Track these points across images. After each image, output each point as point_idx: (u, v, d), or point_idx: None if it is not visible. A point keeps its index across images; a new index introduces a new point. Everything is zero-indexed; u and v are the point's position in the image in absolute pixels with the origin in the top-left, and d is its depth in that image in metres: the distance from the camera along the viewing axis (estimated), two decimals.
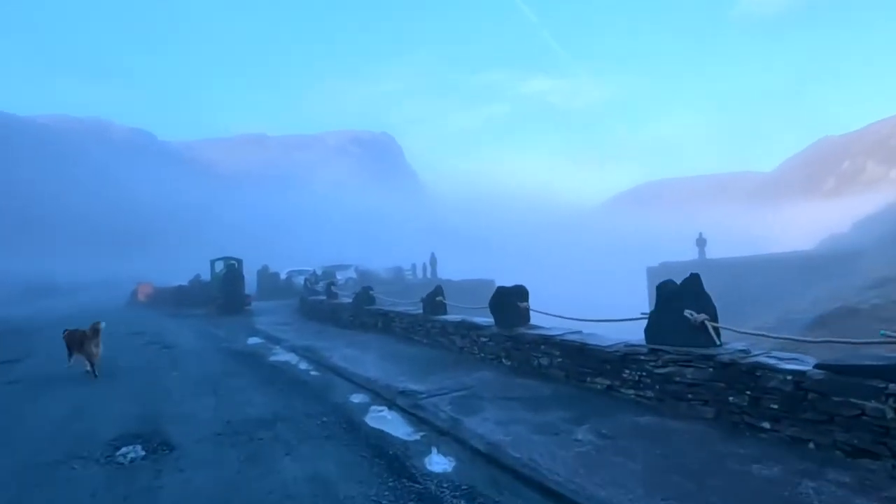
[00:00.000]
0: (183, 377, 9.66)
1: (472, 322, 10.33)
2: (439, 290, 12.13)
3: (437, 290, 12.13)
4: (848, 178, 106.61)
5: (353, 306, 15.01)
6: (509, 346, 9.18)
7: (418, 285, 37.45)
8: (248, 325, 17.31)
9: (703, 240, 39.72)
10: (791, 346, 12.69)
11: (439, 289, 12.16)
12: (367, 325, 14.38)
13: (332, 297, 16.79)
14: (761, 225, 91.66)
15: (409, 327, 12.75)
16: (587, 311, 29.71)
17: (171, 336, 15.30)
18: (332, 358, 11.07)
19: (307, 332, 14.83)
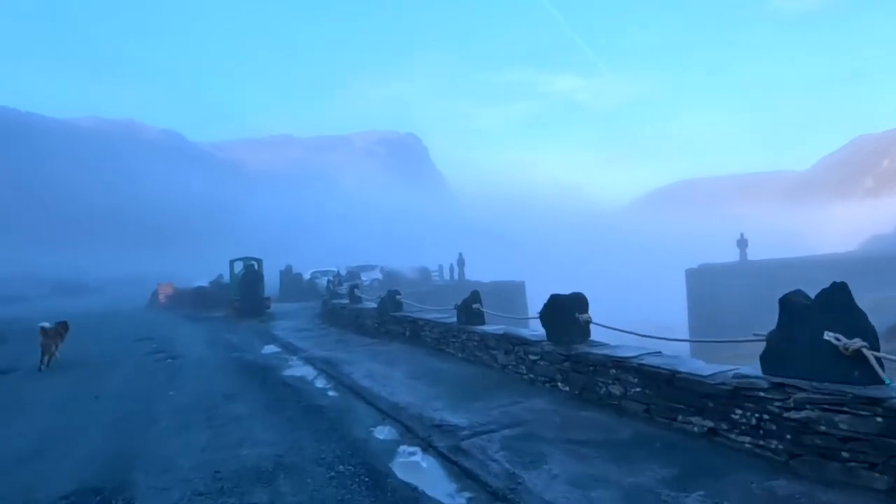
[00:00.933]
0: (177, 400, 8.12)
1: (519, 335, 8.60)
2: (476, 297, 10.43)
3: (474, 297, 10.43)
4: (888, 177, 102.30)
5: (379, 312, 13.39)
6: (567, 367, 7.44)
7: (446, 287, 35.87)
8: (265, 330, 15.83)
9: (744, 240, 37.34)
10: None
11: (476, 295, 10.45)
12: (393, 334, 12.75)
13: (356, 302, 15.22)
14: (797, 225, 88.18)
15: (441, 338, 11.07)
16: (626, 316, 27.81)
17: (180, 343, 13.88)
18: (353, 374, 9.45)
19: (328, 341, 13.25)
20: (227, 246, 71.98)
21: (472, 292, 10.55)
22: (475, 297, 10.44)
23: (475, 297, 10.45)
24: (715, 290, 36.56)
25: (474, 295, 10.48)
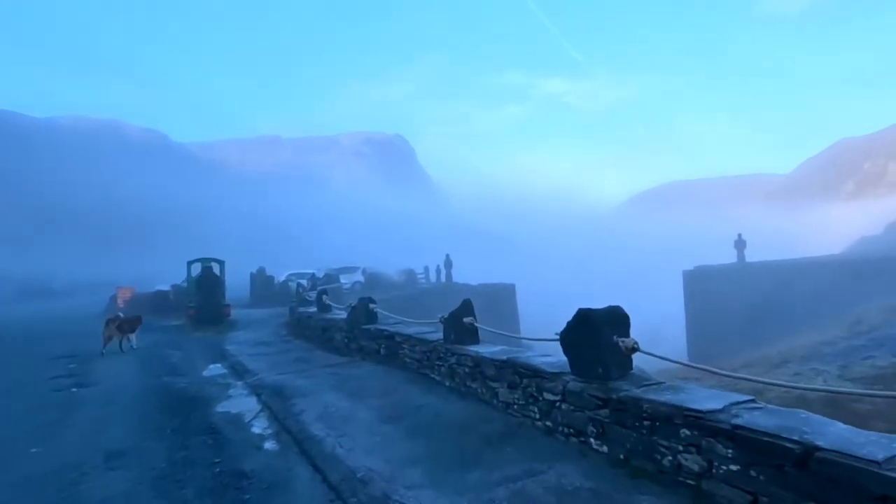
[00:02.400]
0: (33, 464, 5.51)
1: (530, 365, 6.09)
2: (467, 308, 7.93)
3: (465, 308, 7.93)
4: (869, 181, 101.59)
5: (349, 324, 10.84)
6: (605, 416, 4.97)
7: (432, 290, 33.38)
8: (217, 343, 13.21)
9: (742, 241, 35.20)
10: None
11: (467, 306, 7.95)
12: (365, 351, 10.20)
13: (324, 311, 12.65)
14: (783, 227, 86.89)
15: (423, 359, 8.56)
16: (633, 316, 24.02)
17: (106, 363, 11.25)
18: (305, 413, 6.91)
19: (286, 360, 10.67)
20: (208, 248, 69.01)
21: (463, 302, 8.04)
22: (466, 309, 7.93)
23: (466, 308, 7.95)
24: (712, 292, 34.39)
25: (465, 306, 7.97)
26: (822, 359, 18.52)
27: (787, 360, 19.66)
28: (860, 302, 29.36)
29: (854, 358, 17.16)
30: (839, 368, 16.41)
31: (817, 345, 21.25)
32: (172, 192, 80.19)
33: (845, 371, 15.92)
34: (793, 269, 34.74)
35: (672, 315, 56.62)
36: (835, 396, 14.92)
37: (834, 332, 24.12)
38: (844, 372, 15.89)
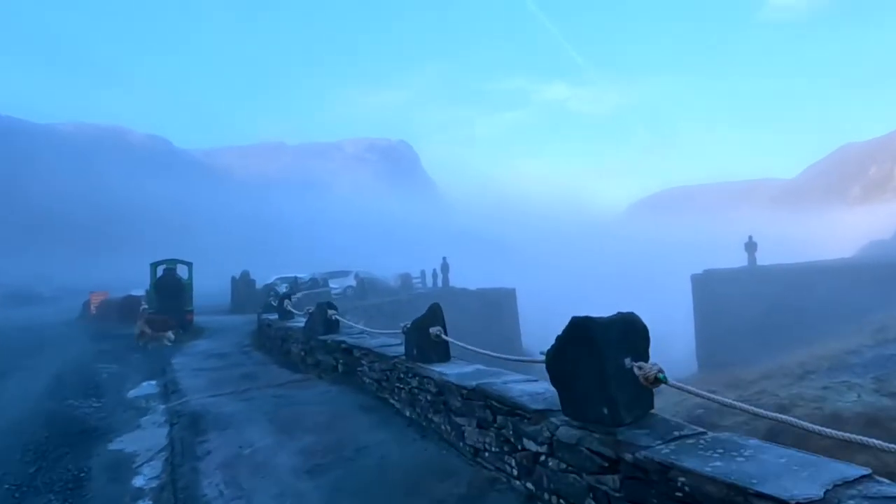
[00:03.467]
0: None
1: (505, 396, 4.23)
2: (435, 316, 6.11)
3: (432, 315, 6.12)
4: (875, 185, 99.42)
5: (305, 335, 9.01)
6: (613, 487, 3.12)
7: (427, 295, 31.52)
8: (167, 355, 11.41)
9: (753, 244, 33.23)
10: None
11: (435, 313, 6.13)
12: (323, 367, 8.38)
13: (286, 318, 10.83)
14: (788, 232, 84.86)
15: (383, 379, 6.75)
16: (646, 322, 21.76)
17: (21, 378, 9.45)
18: (211, 455, 5.09)
19: (231, 377, 8.86)
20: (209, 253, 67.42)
21: (430, 309, 6.20)
22: (433, 317, 6.11)
23: (433, 316, 6.12)
24: (722, 297, 32.42)
25: (432, 313, 6.14)
26: (850, 370, 16.59)
27: (810, 371, 17.74)
28: (878, 308, 27.32)
29: (889, 369, 15.22)
30: (874, 381, 14.49)
31: (842, 354, 19.31)
32: (174, 197, 78.84)
33: (882, 385, 13.98)
34: (805, 272, 32.75)
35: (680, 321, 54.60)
36: (876, 416, 12.99)
37: (856, 339, 22.11)
38: (881, 386, 13.95)
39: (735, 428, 14.90)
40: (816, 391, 14.49)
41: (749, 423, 14.82)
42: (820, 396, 14.11)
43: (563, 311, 18.91)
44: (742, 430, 14.66)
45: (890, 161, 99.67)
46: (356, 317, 25.91)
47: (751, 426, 14.57)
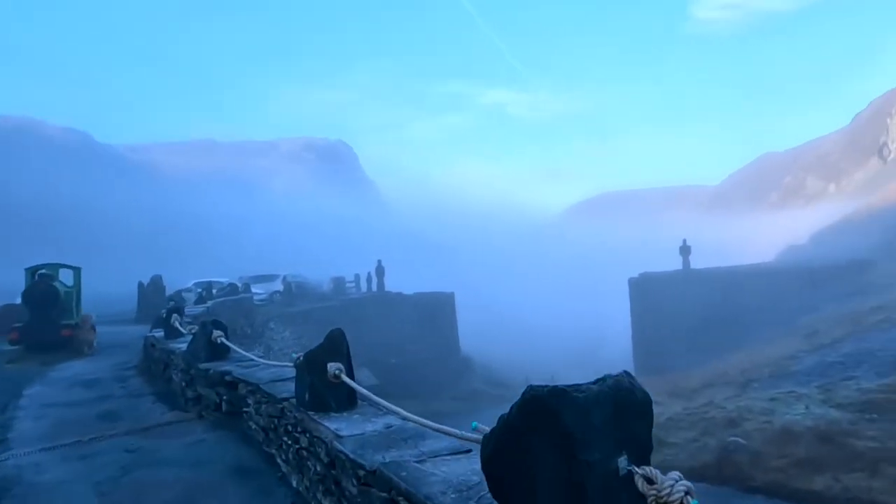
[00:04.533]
0: None
1: (417, 494, 2.65)
2: (336, 345, 4.48)
3: (332, 344, 4.49)
4: (791, 193, 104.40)
5: (187, 360, 7.16)
6: None
7: (361, 301, 29.75)
8: (27, 381, 9.19)
9: (687, 247, 33.21)
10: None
11: (336, 341, 4.50)
12: (204, 403, 6.58)
13: (172, 336, 8.88)
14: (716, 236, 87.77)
15: (270, 428, 5.05)
16: (570, 326, 20.07)
17: None
18: None
19: (86, 416, 6.90)
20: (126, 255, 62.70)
21: (329, 337, 4.54)
22: (333, 348, 4.48)
23: (333, 347, 4.48)
24: (658, 300, 32.19)
25: (332, 343, 4.50)
26: (793, 378, 16.04)
27: (752, 379, 17.14)
28: (806, 310, 27.55)
29: (832, 378, 14.70)
30: (820, 391, 13.88)
31: (780, 360, 18.90)
32: (91, 195, 73.20)
33: (828, 395, 13.36)
34: (737, 276, 33.00)
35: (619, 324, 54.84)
36: (828, 431, 12.25)
37: (791, 344, 21.89)
38: (828, 396, 13.32)
39: (684, 444, 13.97)
40: (764, 403, 13.75)
41: (698, 439, 13.97)
42: (768, 409, 13.37)
43: (503, 316, 17.13)
44: (692, 445, 13.73)
45: (803, 171, 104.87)
46: (282, 325, 23.83)
47: (700, 442, 13.69)
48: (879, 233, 39.49)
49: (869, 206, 60.36)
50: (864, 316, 20.35)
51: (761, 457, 10.98)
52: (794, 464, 10.55)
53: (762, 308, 29.52)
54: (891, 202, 55.04)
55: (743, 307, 30.01)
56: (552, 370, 46.09)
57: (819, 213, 72.79)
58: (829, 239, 51.35)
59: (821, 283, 29.84)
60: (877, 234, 39.49)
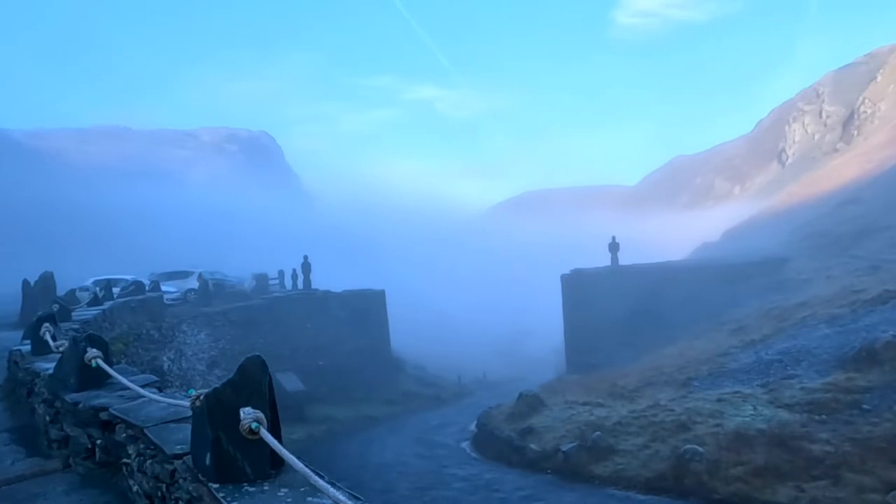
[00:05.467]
0: None
1: None
2: (253, 383, 2.98)
3: (249, 381, 2.98)
4: (700, 194, 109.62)
5: (51, 388, 5.35)
6: None
7: (286, 299, 27.62)
8: None
9: (615, 244, 33.31)
10: None
11: (252, 378, 3.00)
12: (73, 448, 4.85)
13: (42, 351, 6.90)
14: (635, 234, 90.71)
15: (157, 494, 3.48)
16: (504, 322, 18.67)
17: None
18: None
19: None
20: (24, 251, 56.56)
21: (242, 369, 3.05)
22: (251, 388, 2.98)
23: (251, 385, 2.99)
24: (589, 296, 32.05)
25: (246, 378, 3.01)
26: (733, 377, 15.71)
27: (692, 378, 16.73)
28: (730, 306, 28.11)
29: (773, 376, 14.40)
30: (765, 391, 13.49)
31: (714, 357, 18.74)
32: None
33: (774, 396, 12.95)
34: (664, 272, 33.43)
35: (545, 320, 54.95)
36: (781, 434, 11.79)
37: (720, 338, 21.96)
38: (774, 397, 12.91)
39: (636, 452, 13.25)
40: (711, 404, 13.20)
41: (650, 445, 13.26)
42: (717, 411, 12.83)
43: (432, 313, 15.02)
44: (644, 453, 13.04)
45: (712, 173, 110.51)
46: (197, 326, 21.45)
47: (652, 449, 13.00)
48: (788, 232, 41.38)
49: (772, 207, 63.80)
50: (788, 312, 20.68)
51: (719, 465, 10.33)
52: (754, 472, 9.95)
53: (687, 302, 29.91)
54: (792, 204, 58.36)
55: (669, 302, 30.31)
56: (483, 366, 45.56)
57: (726, 213, 76.64)
58: (739, 237, 53.79)
59: (740, 278, 30.62)
60: (785, 233, 41.36)
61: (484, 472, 13.12)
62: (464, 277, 66.03)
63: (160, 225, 77.58)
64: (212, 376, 20.83)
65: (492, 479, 12.49)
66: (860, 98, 79.24)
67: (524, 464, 13.20)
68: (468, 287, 62.02)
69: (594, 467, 11.54)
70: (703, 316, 27.93)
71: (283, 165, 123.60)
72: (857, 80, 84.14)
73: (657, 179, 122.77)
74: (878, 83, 78.21)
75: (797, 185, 69.94)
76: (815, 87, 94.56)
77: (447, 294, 60.65)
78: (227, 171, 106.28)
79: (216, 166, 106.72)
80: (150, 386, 5.20)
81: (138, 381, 5.21)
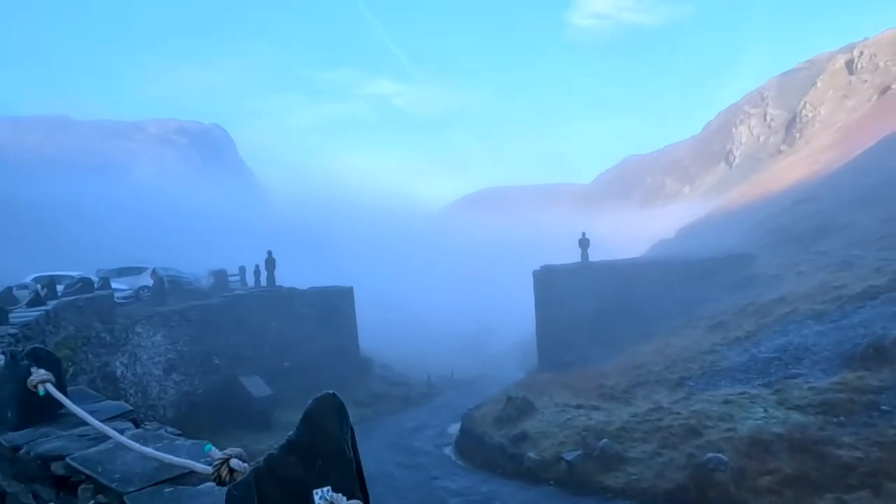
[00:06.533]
0: None
1: None
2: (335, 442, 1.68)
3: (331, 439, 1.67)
4: (652, 193, 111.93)
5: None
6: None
7: (250, 297, 25.72)
8: None
9: (586, 240, 32.81)
10: None
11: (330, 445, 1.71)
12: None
13: None
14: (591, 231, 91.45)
15: None
16: (467, 318, 17.15)
17: None
18: None
19: None
20: None
21: (316, 405, 1.75)
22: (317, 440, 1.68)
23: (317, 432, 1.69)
24: (561, 292, 31.41)
25: (319, 421, 1.71)
26: (729, 375, 15.07)
27: (684, 377, 16.06)
28: (699, 302, 27.86)
29: (775, 375, 13.78)
30: (771, 391, 12.81)
31: (700, 355, 18.15)
32: None
33: (782, 396, 12.28)
34: (631, 268, 33.13)
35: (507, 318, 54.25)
36: (802, 439, 11.02)
37: (698, 335, 21.45)
38: (782, 397, 12.24)
39: (647, 460, 12.34)
40: (718, 407, 12.41)
41: (661, 452, 12.37)
42: (726, 414, 12.04)
43: (396, 311, 13.21)
44: (656, 461, 12.13)
45: (662, 173, 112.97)
46: (153, 327, 19.42)
47: (664, 457, 12.11)
48: (744, 230, 41.87)
49: (724, 206, 65.18)
50: (766, 308, 20.35)
51: (744, 474, 9.47)
52: (784, 482, 9.15)
53: (656, 298, 29.61)
54: (743, 203, 59.70)
55: (638, 298, 29.96)
56: (447, 364, 44.44)
57: (678, 211, 78.11)
58: (694, 235, 54.55)
59: (707, 274, 30.52)
60: (741, 231, 41.86)
61: (478, 483, 11.97)
62: (425, 275, 64.84)
63: (106, 219, 73.14)
64: (168, 381, 18.93)
65: (489, 492, 11.35)
66: (802, 102, 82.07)
67: (520, 474, 12.13)
68: (429, 284, 60.84)
69: (603, 478, 10.56)
70: (673, 312, 27.61)
71: (236, 159, 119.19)
72: (799, 85, 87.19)
73: (610, 178, 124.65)
74: (818, 89, 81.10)
75: (746, 185, 71.81)
76: (760, 91, 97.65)
77: (408, 291, 59.33)
78: (177, 165, 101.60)
79: (165, 159, 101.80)
80: (122, 418, 3.79)
81: (104, 412, 3.78)
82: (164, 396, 18.07)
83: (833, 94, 77.20)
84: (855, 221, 27.84)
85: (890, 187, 30.31)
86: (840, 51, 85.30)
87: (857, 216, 28.21)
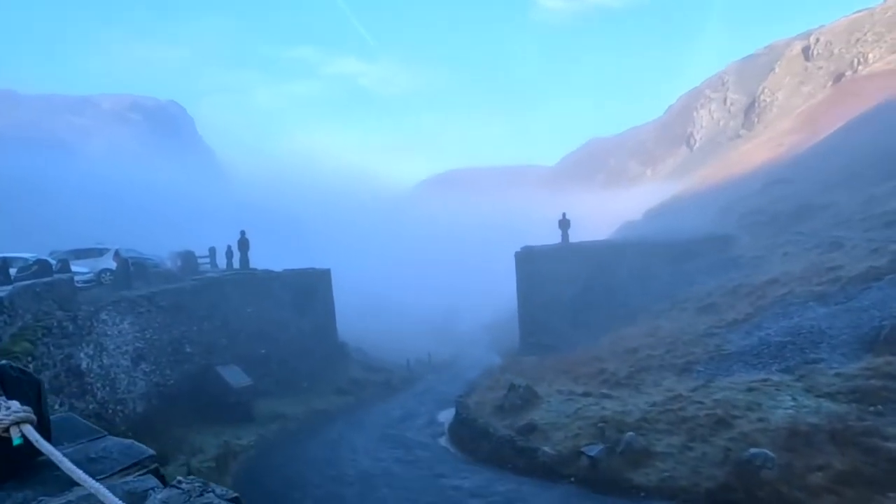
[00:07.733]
0: None
1: None
2: None
3: None
4: (615, 175, 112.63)
5: None
6: None
7: (224, 280, 23.88)
8: None
9: (566, 221, 32.02)
10: None
11: None
12: None
13: None
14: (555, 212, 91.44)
15: None
16: (436, 300, 15.72)
17: None
18: None
19: None
20: None
21: None
22: None
23: None
24: (542, 273, 30.59)
25: None
26: (740, 360, 14.42)
27: (692, 362, 15.37)
28: (682, 284, 27.43)
29: (793, 360, 13.15)
30: (794, 378, 12.19)
31: (700, 339, 17.53)
32: None
33: (809, 384, 11.63)
34: (611, 249, 32.58)
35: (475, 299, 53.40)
36: (843, 431, 10.23)
37: (689, 318, 20.91)
38: (809, 385, 11.60)
39: (677, 455, 11.50)
40: (743, 395, 11.68)
41: (691, 446, 11.54)
42: (752, 402, 11.31)
43: (367, 294, 11.34)
44: (688, 456, 11.31)
45: (626, 155, 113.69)
46: (119, 314, 17.56)
47: (696, 451, 11.30)
48: (716, 211, 41.85)
49: (690, 188, 65.55)
50: (759, 290, 19.90)
51: (792, 470, 8.71)
52: (839, 479, 8.42)
53: (637, 280, 29.11)
54: (709, 185, 60.07)
55: (619, 280, 29.43)
56: (419, 347, 43.40)
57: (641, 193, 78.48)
58: (660, 216, 54.64)
59: (687, 256, 30.15)
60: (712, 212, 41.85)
61: (491, 482, 10.96)
62: (393, 256, 63.36)
63: (58, 198, 68.70)
64: (137, 372, 17.22)
65: (507, 492, 10.36)
66: (760, 87, 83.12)
67: (534, 470, 11.18)
68: (398, 266, 59.45)
69: (632, 475, 9.70)
70: (656, 294, 27.10)
71: (195, 137, 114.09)
72: (758, 70, 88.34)
73: (574, 160, 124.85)
74: (776, 74, 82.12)
75: (709, 167, 72.47)
76: (721, 76, 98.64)
77: (376, 273, 57.80)
78: (131, 142, 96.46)
79: (118, 136, 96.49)
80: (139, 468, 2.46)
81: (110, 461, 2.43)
82: (133, 389, 16.38)
83: (790, 80, 78.33)
84: (833, 202, 27.76)
85: (861, 168, 30.44)
86: (797, 37, 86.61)
87: (833, 196, 28.15)
